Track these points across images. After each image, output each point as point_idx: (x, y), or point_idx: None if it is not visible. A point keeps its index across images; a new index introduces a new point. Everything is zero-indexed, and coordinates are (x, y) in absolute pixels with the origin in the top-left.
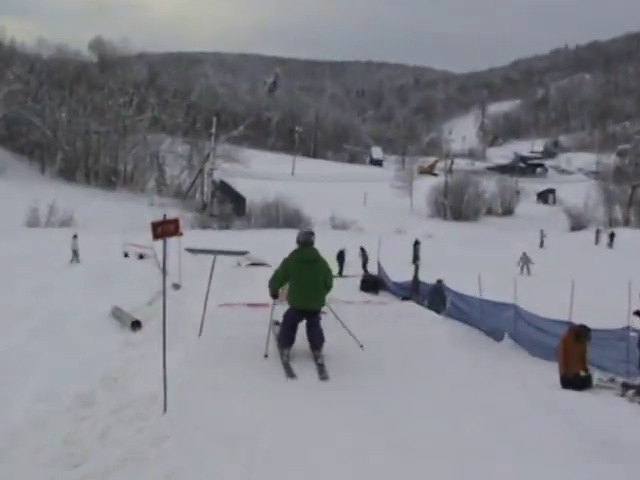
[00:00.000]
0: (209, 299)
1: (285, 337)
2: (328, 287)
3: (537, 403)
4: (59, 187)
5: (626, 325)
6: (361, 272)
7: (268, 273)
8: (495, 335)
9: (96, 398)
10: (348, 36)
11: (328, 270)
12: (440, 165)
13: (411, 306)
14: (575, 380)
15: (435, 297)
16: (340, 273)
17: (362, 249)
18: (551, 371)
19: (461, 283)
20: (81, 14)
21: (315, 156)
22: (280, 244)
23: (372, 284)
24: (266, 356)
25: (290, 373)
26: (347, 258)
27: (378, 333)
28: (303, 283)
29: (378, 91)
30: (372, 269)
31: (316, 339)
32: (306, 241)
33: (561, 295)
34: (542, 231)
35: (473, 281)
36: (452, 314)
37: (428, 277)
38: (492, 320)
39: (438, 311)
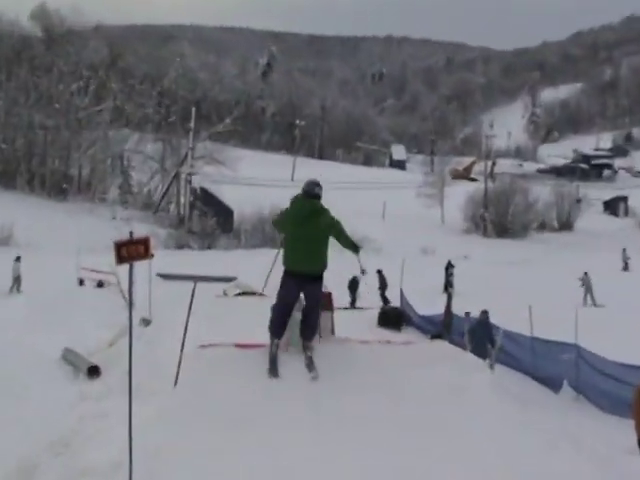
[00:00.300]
0: (187, 338)
1: (277, 324)
2: (341, 233)
3: (608, 474)
4: None
5: None
6: (379, 303)
7: (261, 304)
8: (551, 384)
9: (41, 468)
10: (362, 5)
11: (331, 222)
12: (479, 168)
13: (443, 346)
14: None
15: (480, 334)
16: (353, 304)
17: (379, 273)
18: (625, 431)
19: (507, 317)
20: None
21: (321, 157)
22: (277, 268)
23: (393, 318)
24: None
25: (274, 372)
26: (361, 287)
27: (400, 382)
28: (297, 241)
29: (400, 74)
30: (393, 299)
31: (308, 329)
32: (309, 192)
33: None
34: (625, 251)
35: (522, 314)
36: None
37: (464, 309)
38: (547, 365)
39: (483, 353)
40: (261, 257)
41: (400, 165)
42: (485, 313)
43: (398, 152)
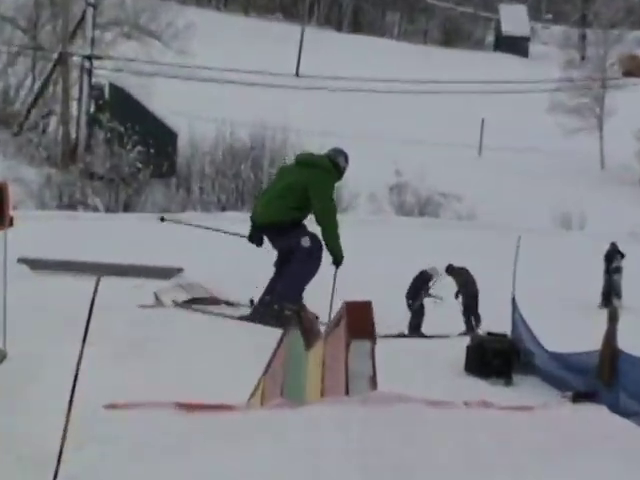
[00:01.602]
0: (80, 391)
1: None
2: (319, 211)
3: None
4: None
5: None
6: (461, 327)
7: (227, 325)
8: None
9: None
10: None
11: (311, 180)
12: None
13: (601, 417)
14: None
15: None
16: (415, 329)
17: (451, 269)
18: None
19: None
20: None
21: (354, 29)
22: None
23: (496, 357)
24: None
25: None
26: (433, 292)
27: None
28: (264, 194)
29: None
30: (493, 318)
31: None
32: (298, 160)
33: None
34: None
35: None
36: None
37: None
38: None
39: None
40: (233, 227)
41: (517, 46)
42: None
43: (513, 19)
